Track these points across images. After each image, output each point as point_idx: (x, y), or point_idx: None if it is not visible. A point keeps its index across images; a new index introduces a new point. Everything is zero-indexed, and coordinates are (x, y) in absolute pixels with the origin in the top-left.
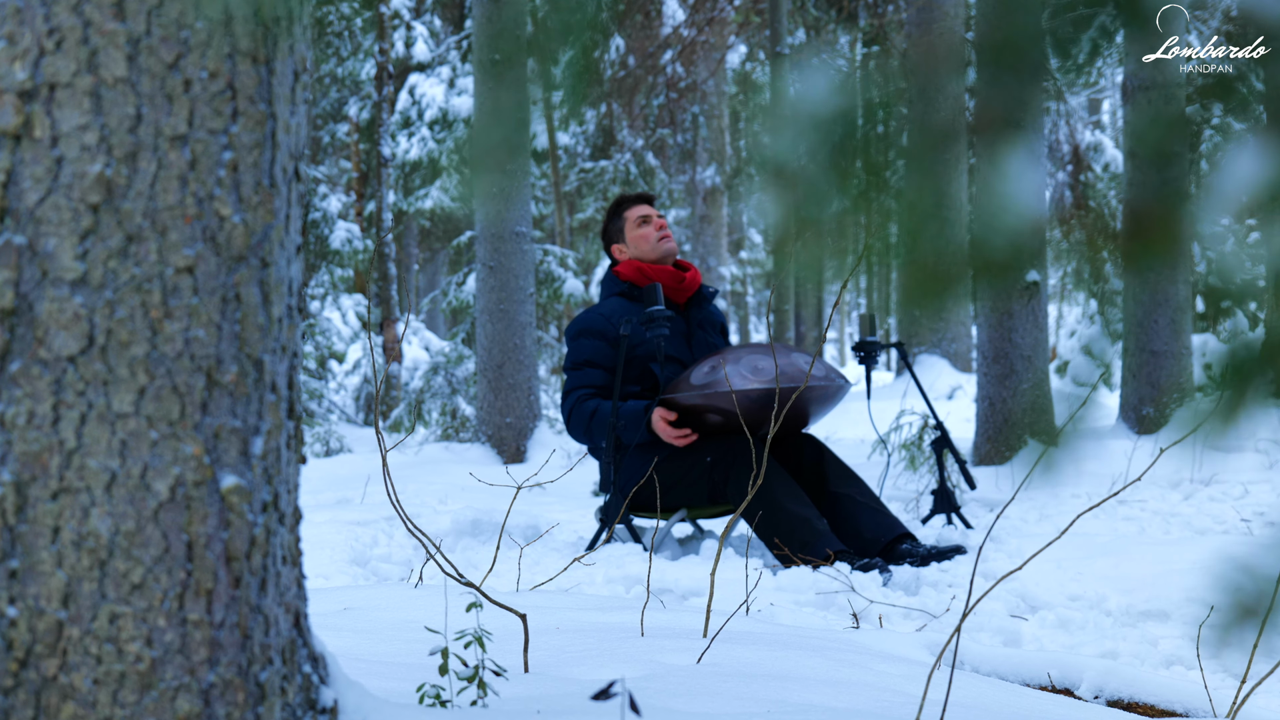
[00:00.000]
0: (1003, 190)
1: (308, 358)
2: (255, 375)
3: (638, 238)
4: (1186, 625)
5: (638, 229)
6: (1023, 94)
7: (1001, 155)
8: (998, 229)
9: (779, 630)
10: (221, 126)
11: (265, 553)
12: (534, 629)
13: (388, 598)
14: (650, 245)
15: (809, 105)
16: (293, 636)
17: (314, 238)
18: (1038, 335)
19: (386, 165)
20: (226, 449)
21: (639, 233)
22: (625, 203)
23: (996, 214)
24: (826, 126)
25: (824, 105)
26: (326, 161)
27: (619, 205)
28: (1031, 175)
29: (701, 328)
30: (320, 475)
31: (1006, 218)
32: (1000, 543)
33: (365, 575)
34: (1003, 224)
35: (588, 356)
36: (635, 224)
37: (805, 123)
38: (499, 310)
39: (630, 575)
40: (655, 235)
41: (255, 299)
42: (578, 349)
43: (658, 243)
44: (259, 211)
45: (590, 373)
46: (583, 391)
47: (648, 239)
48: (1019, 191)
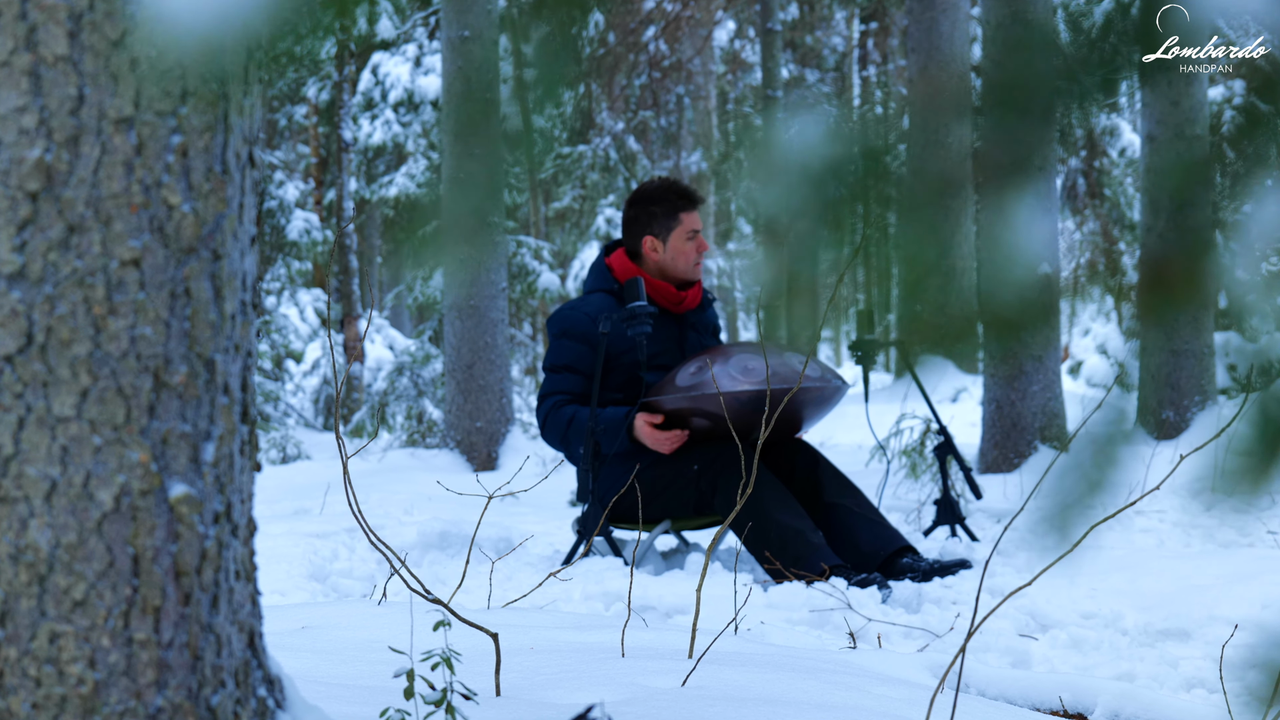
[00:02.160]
0: (1011, 242)
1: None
2: (206, 376)
3: (682, 250)
4: (1209, 645)
5: (687, 241)
6: (1032, 137)
7: (1009, 203)
8: (1006, 283)
9: (770, 651)
10: (170, 108)
11: (217, 567)
12: (507, 649)
13: (349, 616)
14: (687, 266)
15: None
16: (247, 657)
17: (269, 228)
18: (1048, 333)
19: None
20: (175, 455)
21: (686, 246)
22: (684, 200)
23: (1004, 267)
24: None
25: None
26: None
27: (677, 199)
28: (1042, 225)
29: (695, 330)
30: (276, 484)
31: (1015, 271)
32: (1008, 556)
33: (325, 591)
34: (1011, 278)
35: (568, 361)
36: (687, 234)
37: (797, 176)
38: (469, 306)
39: (610, 591)
40: (697, 259)
41: (206, 294)
42: (558, 350)
43: (694, 267)
44: (210, 200)
45: (570, 378)
46: (559, 397)
47: (689, 257)
48: (1029, 243)
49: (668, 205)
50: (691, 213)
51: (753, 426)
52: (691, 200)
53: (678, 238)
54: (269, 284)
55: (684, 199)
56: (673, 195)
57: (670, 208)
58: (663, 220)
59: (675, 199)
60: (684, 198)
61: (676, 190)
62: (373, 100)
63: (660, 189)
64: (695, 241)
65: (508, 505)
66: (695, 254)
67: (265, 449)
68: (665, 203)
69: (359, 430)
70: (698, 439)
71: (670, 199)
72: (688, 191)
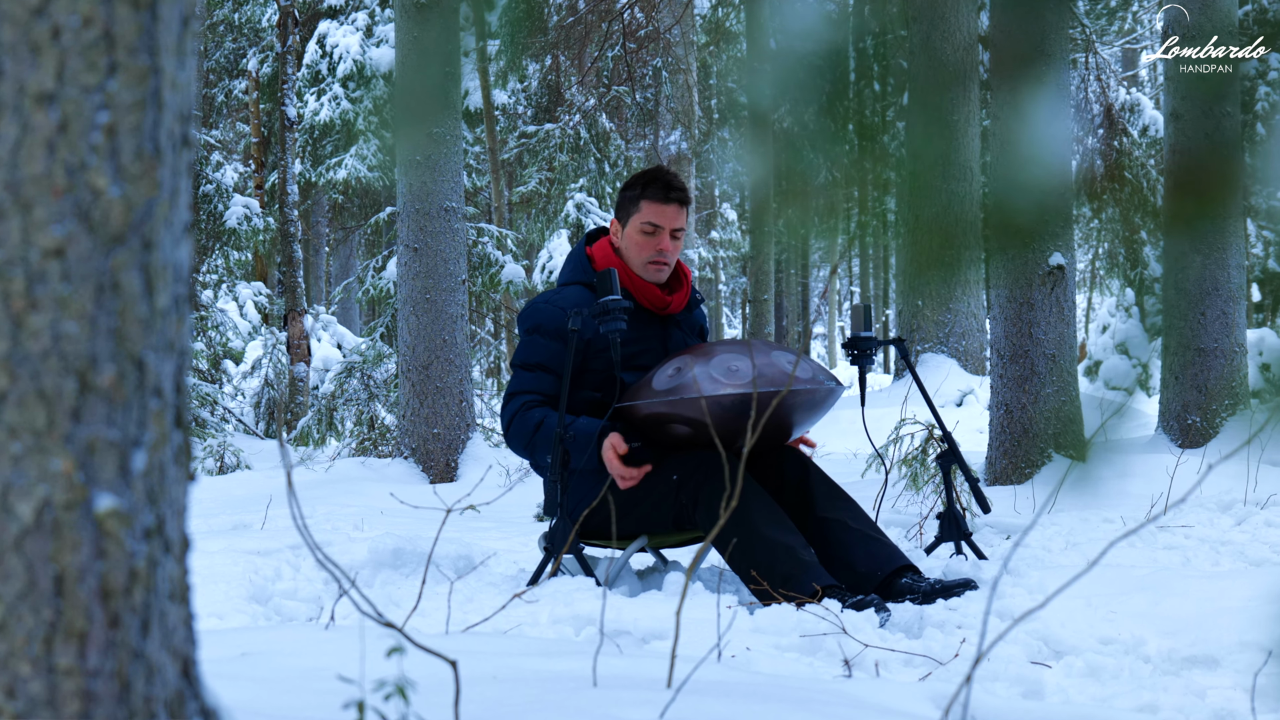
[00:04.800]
0: (1025, 138)
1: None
2: (136, 377)
3: (635, 241)
4: (1239, 674)
5: (642, 233)
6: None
7: (1024, 97)
8: (1018, 185)
9: (757, 680)
10: (96, 82)
11: (148, 588)
12: (467, 678)
13: (293, 641)
14: (639, 261)
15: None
16: (180, 687)
17: (206, 214)
18: (1063, 330)
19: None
20: (102, 465)
21: (640, 238)
22: (653, 188)
23: (1017, 167)
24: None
25: (812, 41)
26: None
27: (646, 185)
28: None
29: (680, 329)
30: (214, 496)
31: (1031, 170)
32: (1019, 576)
33: (267, 614)
34: (1025, 179)
35: (540, 359)
36: (644, 225)
37: (791, 62)
38: (425, 300)
39: (580, 614)
40: (651, 257)
41: (136, 287)
42: (529, 348)
43: (647, 265)
44: (141, 184)
45: (542, 378)
46: (529, 398)
47: (641, 251)
48: (1044, 139)
49: (638, 190)
50: (657, 204)
51: (738, 433)
52: (663, 189)
53: (634, 226)
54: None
55: (653, 186)
56: (645, 181)
57: (639, 193)
58: (628, 205)
59: (646, 185)
60: (654, 184)
61: (653, 177)
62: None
63: (643, 174)
64: (655, 238)
65: (468, 520)
66: (650, 250)
67: (201, 458)
68: (637, 187)
69: (304, 437)
70: (678, 447)
71: (642, 184)
72: (665, 181)
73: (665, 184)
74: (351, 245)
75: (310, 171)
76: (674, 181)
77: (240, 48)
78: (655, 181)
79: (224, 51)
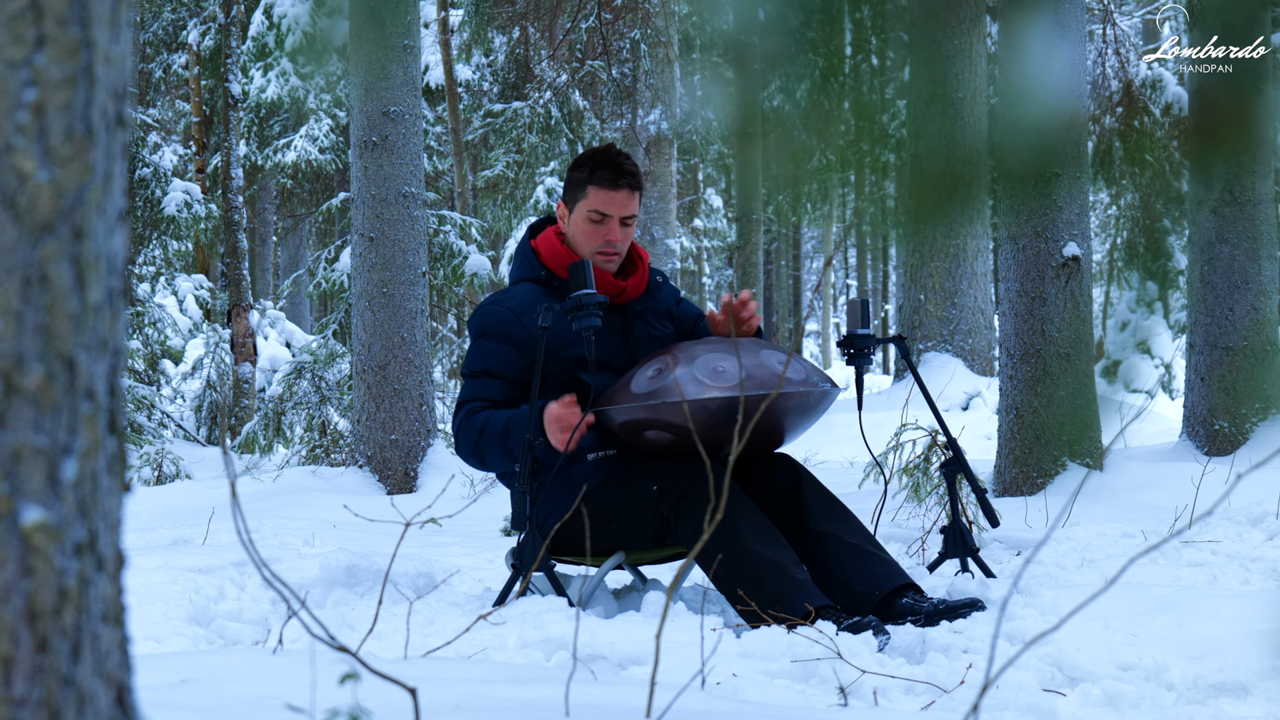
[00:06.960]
0: (1033, 67)
1: (134, 356)
2: (67, 379)
3: (581, 229)
4: (1271, 702)
5: (589, 221)
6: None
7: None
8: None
9: (744, 709)
10: (22, 56)
11: (80, 608)
12: (427, 707)
13: (238, 667)
14: (586, 253)
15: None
16: (115, 716)
17: (142, 201)
18: (1079, 327)
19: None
20: (29, 474)
21: (586, 226)
22: (602, 171)
23: (1024, 99)
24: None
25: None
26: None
27: (594, 169)
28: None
29: (643, 319)
30: (151, 508)
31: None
32: (1030, 596)
33: (209, 637)
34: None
35: (487, 365)
36: (590, 213)
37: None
38: (382, 294)
39: (552, 638)
40: (599, 247)
41: (66, 280)
42: (478, 353)
43: (595, 256)
44: (71, 167)
45: (490, 384)
46: (474, 404)
47: (587, 240)
48: (1053, 66)
49: (585, 173)
50: (605, 190)
51: (724, 439)
52: (612, 173)
53: (580, 214)
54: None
55: (602, 169)
56: (594, 163)
57: (586, 176)
58: (574, 189)
59: (593, 168)
60: (603, 167)
61: (602, 159)
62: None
63: (590, 153)
64: (603, 226)
65: (429, 534)
66: (598, 240)
67: (137, 466)
68: (585, 169)
69: (250, 444)
70: (658, 455)
71: (590, 166)
72: (614, 163)
73: (614, 167)
74: (301, 234)
75: (256, 154)
76: (624, 164)
77: (180, 19)
78: (604, 164)
79: (162, 23)
